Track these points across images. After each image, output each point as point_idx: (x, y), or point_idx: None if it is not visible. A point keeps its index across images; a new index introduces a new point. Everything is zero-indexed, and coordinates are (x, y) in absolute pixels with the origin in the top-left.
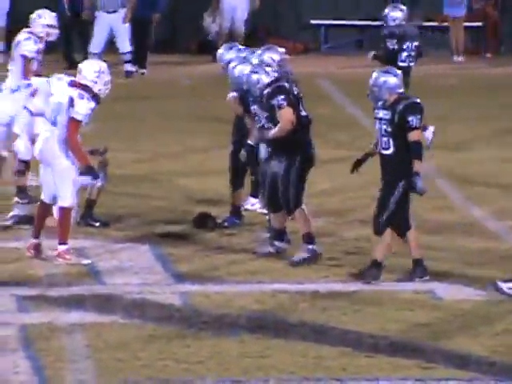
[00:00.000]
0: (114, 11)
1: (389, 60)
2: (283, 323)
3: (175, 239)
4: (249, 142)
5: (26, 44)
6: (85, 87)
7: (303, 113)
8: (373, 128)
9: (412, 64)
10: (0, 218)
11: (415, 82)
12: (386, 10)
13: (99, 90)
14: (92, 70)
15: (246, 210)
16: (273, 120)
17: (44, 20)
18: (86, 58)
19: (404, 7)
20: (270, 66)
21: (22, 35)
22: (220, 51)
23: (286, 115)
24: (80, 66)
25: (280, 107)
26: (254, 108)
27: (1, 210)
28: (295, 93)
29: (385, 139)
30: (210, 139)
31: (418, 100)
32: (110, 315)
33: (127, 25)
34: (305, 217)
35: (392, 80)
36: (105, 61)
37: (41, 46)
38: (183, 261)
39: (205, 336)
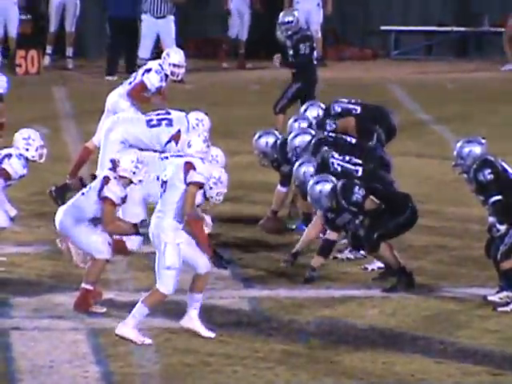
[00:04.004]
0: (163, 16)
1: None
2: (352, 328)
3: (244, 243)
4: None
5: (154, 76)
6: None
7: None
8: (442, 134)
9: None
10: None
11: None
12: None
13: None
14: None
15: None
16: None
17: (169, 59)
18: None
19: None
20: None
21: (155, 65)
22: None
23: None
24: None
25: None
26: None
27: None
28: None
29: None
30: None
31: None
32: (178, 320)
33: (173, 30)
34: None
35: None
36: None
37: (163, 84)
38: (252, 265)
39: (274, 341)
